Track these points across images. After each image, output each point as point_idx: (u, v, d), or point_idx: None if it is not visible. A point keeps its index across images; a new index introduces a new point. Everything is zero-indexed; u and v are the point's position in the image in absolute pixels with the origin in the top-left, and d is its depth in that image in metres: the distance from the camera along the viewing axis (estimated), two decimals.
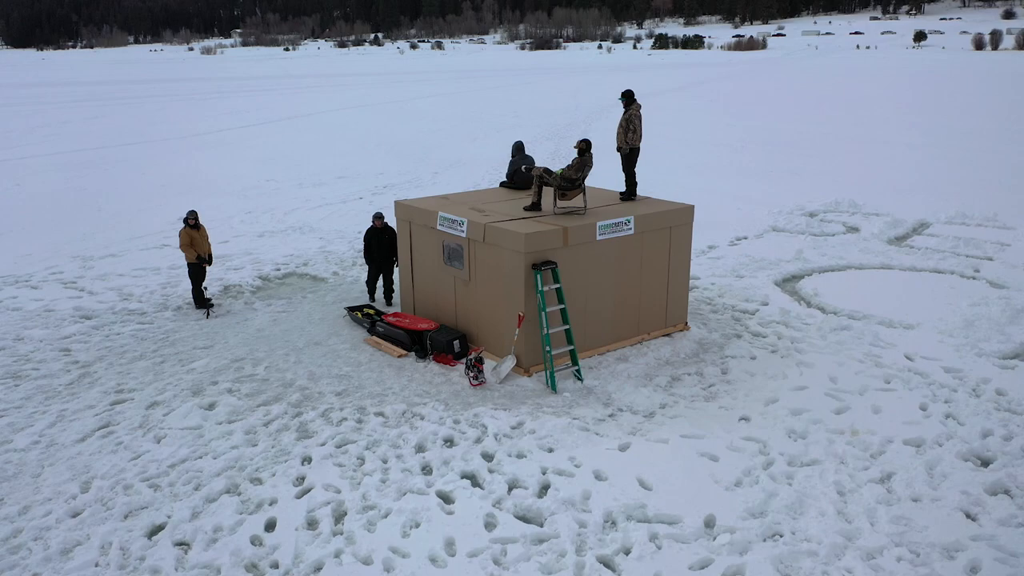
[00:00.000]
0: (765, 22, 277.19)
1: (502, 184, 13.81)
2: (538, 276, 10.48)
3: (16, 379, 11.02)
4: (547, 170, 11.75)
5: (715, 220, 19.43)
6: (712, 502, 7.83)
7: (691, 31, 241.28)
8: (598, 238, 11.16)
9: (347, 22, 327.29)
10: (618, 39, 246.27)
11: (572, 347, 10.79)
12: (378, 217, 13.44)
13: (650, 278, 11.93)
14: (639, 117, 12.27)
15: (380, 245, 13.34)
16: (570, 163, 11.65)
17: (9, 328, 12.88)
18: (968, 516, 7.67)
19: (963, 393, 10.20)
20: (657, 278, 12.02)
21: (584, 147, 11.62)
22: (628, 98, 12.35)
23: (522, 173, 13.08)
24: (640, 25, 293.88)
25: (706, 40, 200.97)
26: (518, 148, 13.60)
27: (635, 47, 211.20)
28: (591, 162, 11.68)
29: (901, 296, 13.95)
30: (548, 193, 12.07)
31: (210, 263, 13.91)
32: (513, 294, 10.76)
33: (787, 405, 9.85)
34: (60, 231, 19.40)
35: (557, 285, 10.70)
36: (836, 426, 9.32)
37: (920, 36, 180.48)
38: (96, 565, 7.06)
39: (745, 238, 18.29)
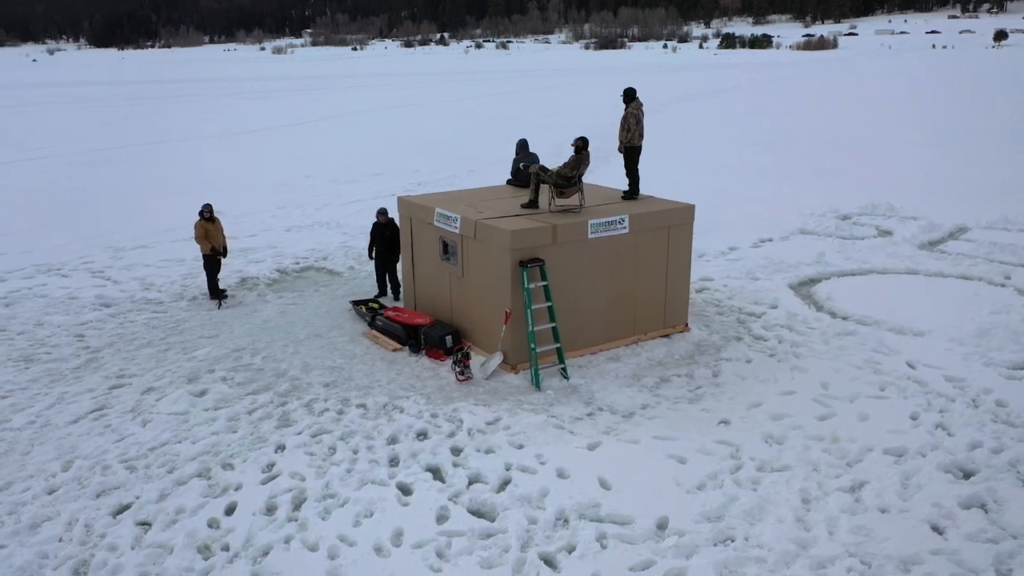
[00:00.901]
0: (837, 21, 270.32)
1: (508, 182, 13.84)
2: (524, 273, 10.48)
3: (28, 362, 11.53)
4: (543, 168, 11.73)
5: (741, 221, 19.12)
6: (669, 504, 7.72)
7: (760, 30, 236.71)
8: (590, 236, 11.10)
9: (414, 22, 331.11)
10: (684, 39, 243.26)
11: (559, 345, 10.76)
12: (382, 213, 13.62)
13: (647, 278, 11.80)
14: (636, 116, 12.12)
15: (383, 240, 13.52)
16: (566, 161, 11.62)
17: (32, 314, 13.47)
18: (935, 529, 7.40)
19: (960, 403, 9.82)
20: (654, 278, 11.88)
21: (581, 145, 11.56)
22: (628, 96, 12.23)
23: (523, 171, 13.09)
24: (707, 25, 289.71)
25: (774, 39, 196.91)
26: (522, 146, 13.61)
27: (701, 47, 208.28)
28: (588, 160, 11.62)
29: (919, 302, 13.49)
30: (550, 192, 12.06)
31: (224, 255, 14.30)
32: (501, 291, 10.79)
33: (770, 410, 9.64)
34: (98, 223, 20.15)
35: (544, 283, 10.68)
36: (816, 432, 9.09)
37: (1001, 35, 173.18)
38: (59, 540, 7.36)
39: (770, 240, 17.91)
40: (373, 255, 13.83)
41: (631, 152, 12.33)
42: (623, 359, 11.31)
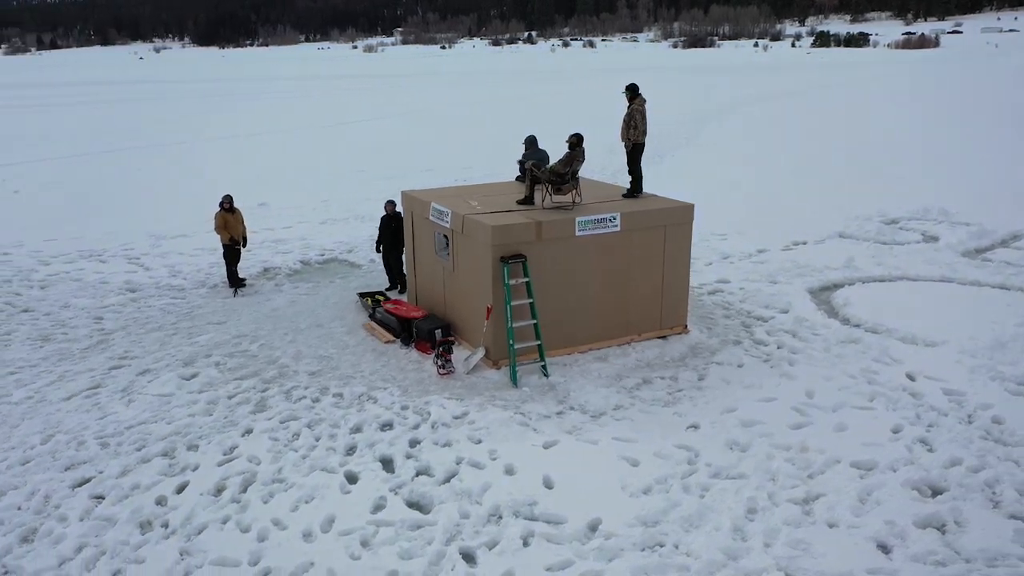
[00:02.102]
0: (941, 18, 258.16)
1: (517, 179, 13.80)
2: (505, 269, 10.45)
3: (44, 341, 12.17)
4: (536, 164, 11.67)
5: (777, 223, 18.54)
6: (607, 507, 7.58)
7: (857, 28, 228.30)
8: (578, 233, 10.97)
9: (503, 21, 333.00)
10: (777, 37, 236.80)
11: (539, 342, 10.69)
12: (389, 204, 13.79)
13: (641, 278, 11.59)
14: (641, 112, 11.92)
15: (389, 232, 13.69)
16: (560, 157, 11.53)
17: (61, 296, 14.21)
18: (882, 547, 7.04)
19: (953, 418, 9.30)
20: (650, 278, 11.66)
21: (575, 141, 11.46)
22: (632, 92, 12.03)
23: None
24: (802, 22, 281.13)
25: (871, 38, 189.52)
26: (530, 142, 13.53)
27: (793, 45, 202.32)
28: (582, 157, 11.50)
29: (942, 311, 12.81)
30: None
31: (244, 245, 14.74)
32: (484, 286, 10.79)
33: (743, 416, 9.34)
34: (149, 212, 21.02)
35: (526, 279, 10.62)
36: (784, 442, 8.77)
37: None
38: (18, 508, 7.77)
39: (803, 243, 17.31)
40: (380, 248, 14.03)
41: (636, 149, 12.12)
42: (610, 359, 11.15)
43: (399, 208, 13.73)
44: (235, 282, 14.58)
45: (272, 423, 9.39)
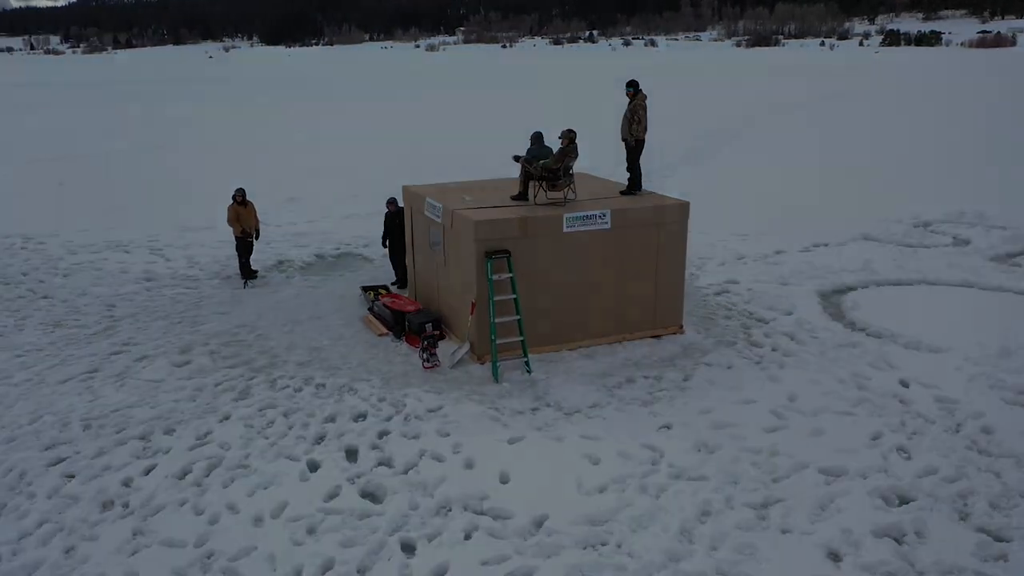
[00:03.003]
0: (1020, 16, 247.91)
1: None
2: (488, 264, 10.45)
3: (56, 327, 12.62)
4: (528, 159, 11.64)
5: (800, 224, 18.11)
6: (558, 504, 7.52)
7: (929, 27, 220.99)
8: (565, 230, 10.90)
9: (564, 20, 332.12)
10: (844, 36, 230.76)
11: (522, 338, 10.66)
12: (391, 202, 13.91)
13: (634, 276, 11.45)
14: (644, 108, 11.78)
15: (393, 229, 13.80)
16: (554, 153, 11.47)
17: (80, 284, 14.72)
18: (832, 556, 6.84)
19: (940, 427, 8.97)
20: (642, 277, 11.51)
21: (568, 138, 11.38)
22: (634, 88, 11.89)
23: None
24: (872, 21, 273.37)
25: (944, 37, 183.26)
26: (536, 139, 13.44)
27: (861, 44, 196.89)
28: (575, 153, 11.42)
29: (952, 316, 12.37)
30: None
31: (256, 238, 15.04)
32: (469, 281, 10.81)
33: (718, 417, 9.16)
34: (182, 205, 21.58)
35: (510, 274, 10.60)
36: (756, 445, 8.57)
37: None
38: None
39: (824, 245, 16.87)
40: (386, 243, 14.16)
41: (638, 145, 11.99)
42: (597, 357, 11.05)
43: (400, 204, 13.85)
44: (246, 274, 14.89)
45: (251, 410, 9.57)
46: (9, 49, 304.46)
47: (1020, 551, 6.81)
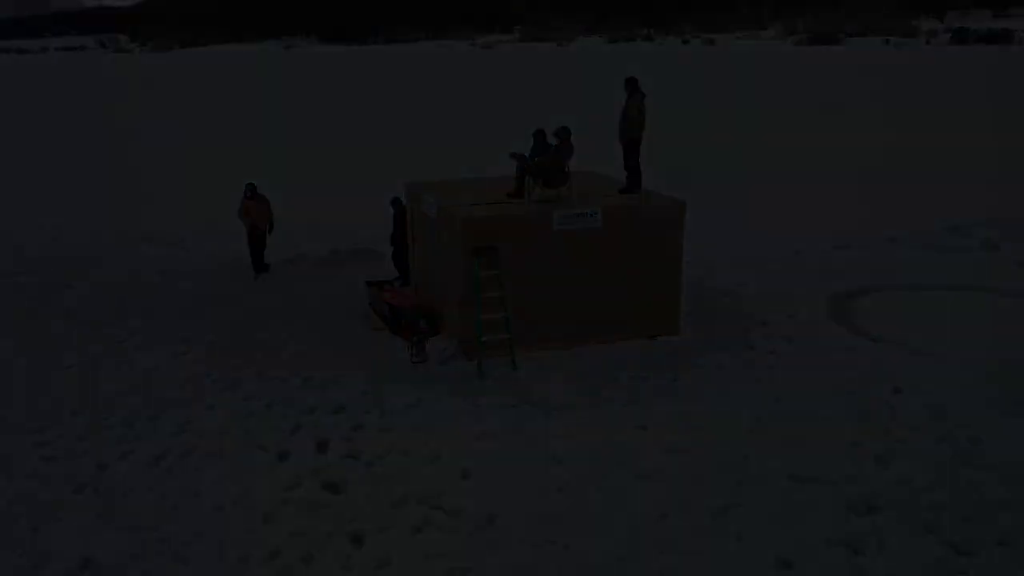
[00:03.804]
0: None
1: None
2: (475, 261, 10.45)
3: (68, 318, 13.02)
4: (523, 156, 11.62)
5: (822, 226, 17.70)
6: (512, 501, 7.49)
7: (1000, 24, 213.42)
8: (555, 228, 10.85)
9: (621, 18, 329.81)
10: (911, 33, 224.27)
11: (509, 335, 10.63)
12: (394, 202, 14.02)
13: (627, 276, 11.31)
14: (638, 108, 11.64)
15: (400, 227, 13.90)
16: (548, 151, 11.42)
17: (105, 274, 15.18)
18: (783, 564, 6.66)
19: (927, 436, 8.66)
20: (636, 277, 11.36)
21: (564, 135, 11.33)
22: (632, 86, 11.77)
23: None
24: (941, 19, 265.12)
25: (1015, 34, 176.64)
26: (538, 136, 13.39)
27: (928, 42, 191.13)
28: (570, 151, 11.36)
29: (962, 322, 11.96)
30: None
31: (270, 231, 15.30)
32: (458, 277, 10.83)
33: (696, 420, 9.01)
34: (222, 199, 21.90)
35: (497, 271, 10.58)
36: (728, 449, 8.39)
37: None
38: None
39: (845, 247, 16.45)
40: (394, 241, 14.27)
41: (632, 144, 11.86)
42: (587, 357, 10.95)
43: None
44: (258, 267, 15.16)
45: (235, 400, 9.75)
46: (82, 47, 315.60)
47: (982, 566, 6.55)
